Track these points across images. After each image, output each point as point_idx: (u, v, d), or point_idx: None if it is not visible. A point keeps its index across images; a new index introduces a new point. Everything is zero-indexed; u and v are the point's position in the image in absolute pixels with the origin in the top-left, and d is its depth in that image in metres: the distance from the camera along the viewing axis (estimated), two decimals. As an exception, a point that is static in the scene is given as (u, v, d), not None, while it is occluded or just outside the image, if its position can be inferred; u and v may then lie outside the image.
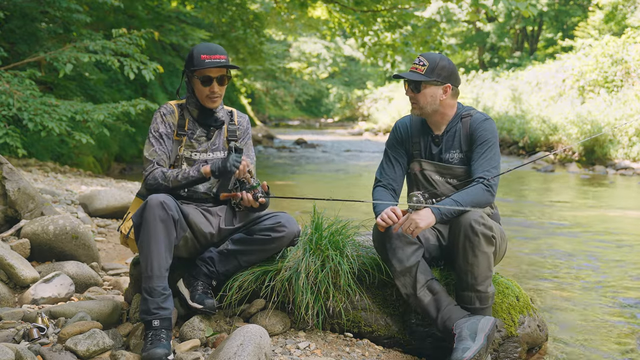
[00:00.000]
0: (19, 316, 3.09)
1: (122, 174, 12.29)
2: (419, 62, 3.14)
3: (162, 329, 2.76)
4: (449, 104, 3.18)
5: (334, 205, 3.16)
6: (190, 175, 3.03)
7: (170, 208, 2.86)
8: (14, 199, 4.23)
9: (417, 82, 3.11)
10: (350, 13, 15.25)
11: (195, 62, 3.07)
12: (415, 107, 3.16)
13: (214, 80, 3.09)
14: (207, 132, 3.22)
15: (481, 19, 34.87)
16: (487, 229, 2.88)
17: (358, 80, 48.15)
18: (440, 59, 3.12)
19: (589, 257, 5.94)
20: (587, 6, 30.44)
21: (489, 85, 26.52)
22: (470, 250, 2.88)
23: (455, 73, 3.16)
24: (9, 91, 7.72)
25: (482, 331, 2.82)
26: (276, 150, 20.46)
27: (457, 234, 2.92)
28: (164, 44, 16.70)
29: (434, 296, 2.97)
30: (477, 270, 2.91)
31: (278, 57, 36.38)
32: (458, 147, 3.16)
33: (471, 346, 2.77)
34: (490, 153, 3.07)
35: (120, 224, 3.19)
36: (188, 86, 3.20)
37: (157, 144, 3.09)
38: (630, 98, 16.83)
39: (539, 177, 13.57)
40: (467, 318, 2.91)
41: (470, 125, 3.14)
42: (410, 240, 2.99)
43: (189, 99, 3.20)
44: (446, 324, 2.93)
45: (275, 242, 3.09)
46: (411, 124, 3.30)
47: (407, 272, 2.97)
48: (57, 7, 9.75)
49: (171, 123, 3.14)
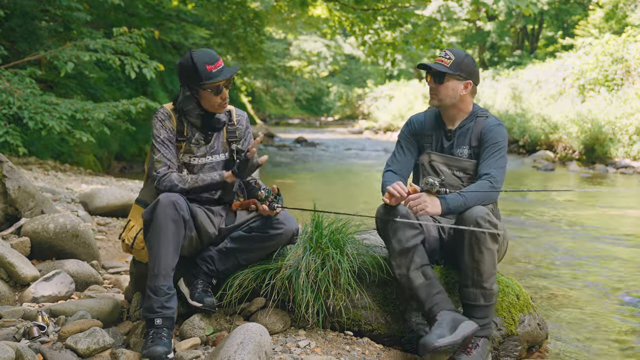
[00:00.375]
0: (19, 314, 3.09)
1: (122, 172, 12.29)
2: (445, 56, 3.20)
3: (164, 327, 2.76)
4: (467, 100, 3.24)
5: (334, 204, 3.15)
6: (212, 179, 3.02)
7: (182, 208, 2.86)
8: (14, 197, 4.23)
9: (441, 74, 3.17)
10: (351, 11, 15.24)
11: (204, 75, 3.01)
12: (435, 97, 3.22)
13: (223, 87, 3.09)
14: (206, 136, 3.19)
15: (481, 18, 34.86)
16: (492, 226, 2.90)
17: (358, 79, 48.12)
18: (465, 56, 3.20)
19: (589, 256, 5.94)
20: (587, 4, 30.42)
21: (489, 84, 26.49)
22: (476, 246, 2.90)
23: (477, 72, 3.24)
24: (9, 90, 7.72)
25: (463, 330, 2.86)
26: (276, 149, 20.46)
27: (462, 230, 2.93)
28: (164, 43, 16.69)
29: (427, 281, 3.01)
30: (483, 267, 2.92)
31: (278, 56, 36.36)
32: (468, 143, 3.22)
33: (446, 336, 2.81)
34: (499, 154, 3.14)
35: (122, 232, 3.18)
36: (189, 98, 3.10)
37: (164, 149, 3.06)
38: (630, 97, 16.81)
39: (540, 176, 13.57)
40: (454, 312, 2.95)
41: (484, 125, 3.20)
42: (413, 225, 3.02)
43: (191, 112, 3.12)
44: (433, 309, 2.97)
45: (273, 239, 3.10)
46: (425, 120, 3.35)
47: (404, 252, 3.01)
48: (57, 5, 9.74)
49: (170, 128, 3.10)
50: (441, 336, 2.80)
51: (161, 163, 3.04)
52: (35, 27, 10.36)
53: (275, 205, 3.05)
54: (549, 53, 30.37)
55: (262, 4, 21.14)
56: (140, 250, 3.10)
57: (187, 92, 3.10)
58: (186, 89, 3.09)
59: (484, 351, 2.94)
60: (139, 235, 3.06)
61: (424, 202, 2.91)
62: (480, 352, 2.92)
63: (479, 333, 2.95)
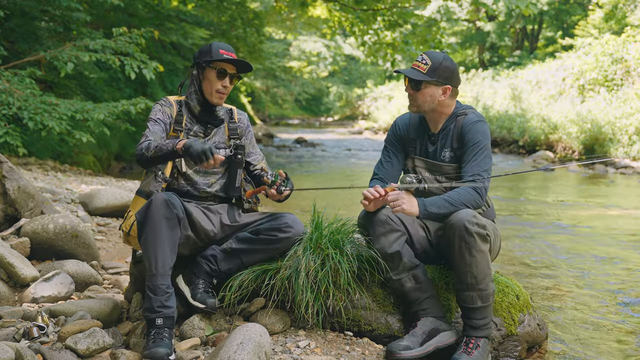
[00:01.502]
0: (19, 315, 3.09)
1: (122, 172, 12.30)
2: (422, 60, 3.12)
3: (165, 327, 2.76)
4: (447, 103, 3.17)
5: (334, 204, 3.16)
6: (164, 146, 2.91)
7: (175, 206, 2.86)
8: (14, 197, 4.23)
9: (417, 81, 3.10)
10: (350, 12, 15.25)
11: (214, 54, 3.14)
12: (413, 104, 3.16)
13: (228, 75, 3.17)
14: (205, 130, 3.23)
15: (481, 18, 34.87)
16: (480, 227, 2.88)
17: (358, 79, 48.14)
18: (443, 59, 3.10)
19: (589, 256, 5.94)
20: (587, 5, 30.43)
21: (489, 84, 26.51)
22: (466, 250, 2.88)
23: (456, 74, 3.16)
24: (9, 90, 7.72)
25: (437, 342, 2.94)
26: (276, 149, 20.46)
27: (451, 236, 2.90)
28: (164, 43, 16.69)
29: (417, 284, 3.03)
30: (476, 270, 2.91)
31: (278, 56, 36.37)
32: (450, 145, 3.16)
33: (415, 348, 2.90)
34: (480, 156, 3.04)
35: (122, 222, 3.19)
36: (194, 81, 3.21)
37: (153, 125, 3.10)
38: (630, 97, 16.81)
39: (539, 176, 13.57)
40: (438, 320, 3.02)
41: (463, 125, 3.12)
42: (393, 227, 3.03)
43: (192, 95, 3.21)
44: (418, 313, 3.02)
45: (281, 242, 3.10)
46: (410, 122, 3.31)
47: (390, 258, 3.02)
48: (57, 5, 9.74)
49: (169, 114, 3.17)
50: (408, 348, 2.88)
51: (144, 137, 3.06)
52: (35, 27, 10.37)
53: (282, 188, 3.07)
54: (548, 53, 30.38)
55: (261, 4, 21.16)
56: (137, 238, 3.08)
57: (194, 71, 3.21)
58: (194, 69, 3.21)
59: (484, 351, 2.94)
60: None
61: (402, 199, 2.88)
62: (481, 352, 2.92)
63: (479, 333, 2.96)
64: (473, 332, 2.97)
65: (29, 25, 10.33)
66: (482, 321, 2.96)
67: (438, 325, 3.01)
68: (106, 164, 12.41)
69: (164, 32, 14.77)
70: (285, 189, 3.08)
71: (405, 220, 3.12)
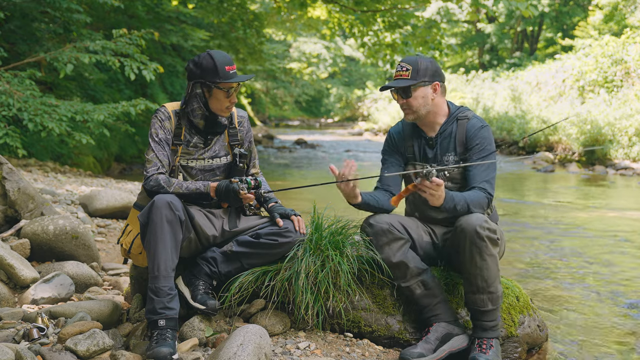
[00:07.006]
0: (19, 316, 3.09)
1: (122, 174, 12.30)
2: (402, 69, 3.11)
3: (168, 328, 2.76)
4: (440, 101, 3.16)
5: (334, 205, 3.16)
6: (197, 188, 3.01)
7: (177, 209, 2.86)
8: (14, 199, 4.23)
9: (406, 88, 3.09)
10: (350, 13, 15.25)
11: (222, 74, 3.01)
12: (409, 112, 3.14)
13: (233, 91, 3.09)
14: (205, 140, 3.18)
15: (481, 19, 34.89)
16: (491, 232, 2.91)
17: (358, 81, 48.12)
18: (420, 59, 3.11)
19: (589, 257, 5.94)
20: (587, 6, 30.45)
21: (488, 85, 26.54)
22: (477, 255, 2.91)
23: (438, 69, 3.15)
24: (9, 91, 7.72)
25: (450, 347, 2.98)
26: (276, 150, 20.47)
27: (462, 239, 2.92)
28: (164, 45, 16.69)
29: (426, 290, 3.06)
30: (487, 273, 2.94)
31: (278, 57, 36.36)
32: (453, 149, 3.15)
33: (428, 355, 2.93)
34: (488, 164, 3.07)
35: (120, 237, 3.18)
36: (199, 98, 3.09)
37: (158, 149, 3.06)
38: (630, 98, 16.83)
39: (539, 177, 13.57)
40: (451, 324, 3.04)
41: (468, 129, 3.12)
42: (396, 236, 3.04)
43: (195, 111, 3.11)
44: (431, 319, 3.05)
45: (281, 247, 3.09)
46: (404, 130, 3.29)
47: (396, 267, 3.05)
48: (57, 7, 9.75)
49: (168, 129, 3.11)
50: (421, 355, 2.91)
51: (152, 163, 3.04)
52: (34, 28, 10.37)
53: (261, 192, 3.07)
54: (548, 54, 30.42)
55: (261, 5, 21.17)
56: (138, 256, 3.10)
57: (198, 89, 3.08)
58: (197, 87, 3.08)
59: (498, 350, 2.99)
60: (137, 240, 3.06)
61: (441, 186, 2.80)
62: (495, 351, 2.97)
63: (491, 335, 2.99)
64: (484, 334, 3.00)
65: (29, 26, 10.33)
66: (492, 322, 3.00)
67: (451, 329, 3.04)
68: (106, 165, 12.42)
69: (164, 33, 14.78)
70: (259, 191, 3.07)
71: (409, 226, 3.13)
